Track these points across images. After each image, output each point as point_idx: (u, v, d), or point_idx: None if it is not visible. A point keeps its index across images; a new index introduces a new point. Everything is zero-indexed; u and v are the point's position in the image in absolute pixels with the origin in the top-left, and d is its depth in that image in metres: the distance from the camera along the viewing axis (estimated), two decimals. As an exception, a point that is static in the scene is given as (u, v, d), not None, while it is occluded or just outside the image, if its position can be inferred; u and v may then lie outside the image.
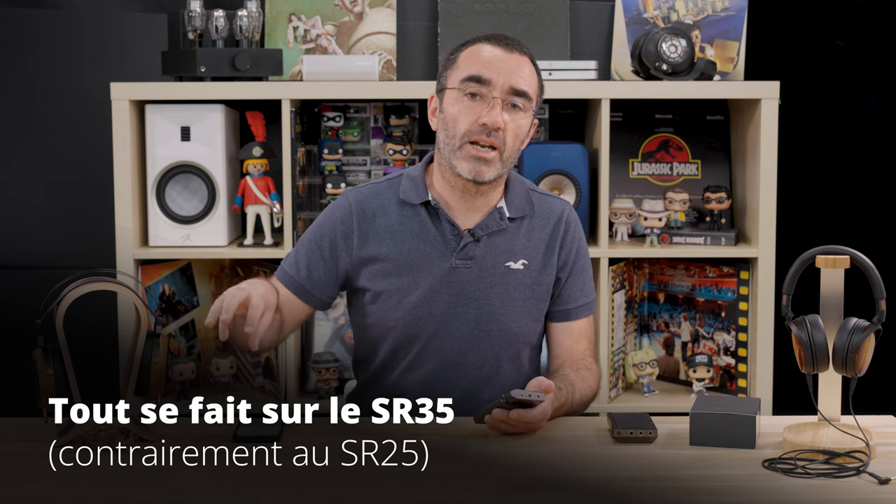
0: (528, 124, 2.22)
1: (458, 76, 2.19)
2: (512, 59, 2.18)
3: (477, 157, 2.16)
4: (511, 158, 2.21)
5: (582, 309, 2.32)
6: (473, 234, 2.23)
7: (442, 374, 2.25)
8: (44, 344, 1.94)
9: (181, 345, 3.23)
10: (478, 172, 2.17)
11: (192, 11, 3.10)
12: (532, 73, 2.21)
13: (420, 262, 2.23)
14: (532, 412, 1.99)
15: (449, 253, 2.23)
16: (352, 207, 2.27)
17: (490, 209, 2.26)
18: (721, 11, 3.35)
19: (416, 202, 2.25)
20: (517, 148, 2.21)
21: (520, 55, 2.20)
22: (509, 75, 2.16)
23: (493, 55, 2.18)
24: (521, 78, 2.18)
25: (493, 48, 2.19)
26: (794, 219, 3.35)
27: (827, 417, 2.00)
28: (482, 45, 2.20)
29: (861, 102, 3.44)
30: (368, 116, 3.35)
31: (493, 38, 2.21)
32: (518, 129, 2.19)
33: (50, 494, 1.73)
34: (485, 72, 2.16)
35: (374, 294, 2.26)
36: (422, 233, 2.24)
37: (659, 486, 1.78)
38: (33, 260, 3.38)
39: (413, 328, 2.24)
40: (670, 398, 3.20)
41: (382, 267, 2.25)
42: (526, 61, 2.21)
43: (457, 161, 2.18)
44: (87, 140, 3.32)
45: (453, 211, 2.25)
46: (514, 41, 2.22)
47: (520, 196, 2.29)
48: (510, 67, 2.17)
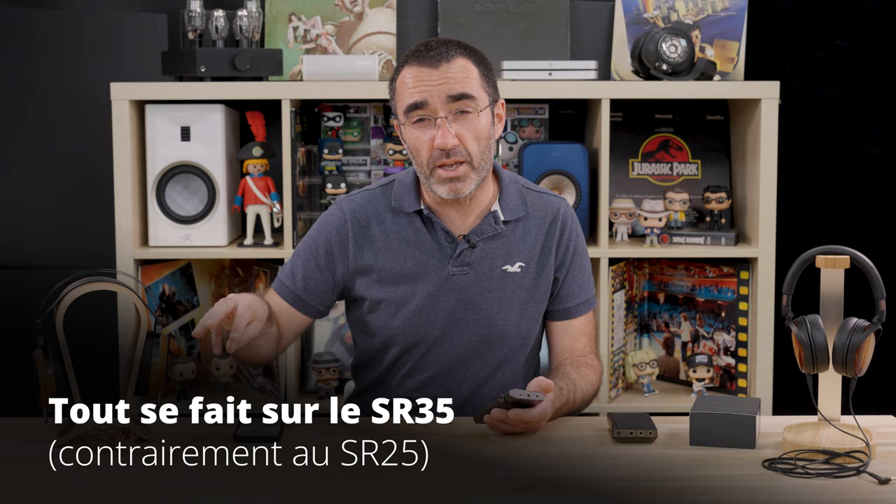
0: (486, 121, 2.17)
1: (401, 107, 2.17)
2: (437, 72, 2.13)
3: (449, 178, 2.15)
4: (484, 160, 2.17)
5: (581, 307, 2.32)
6: (469, 240, 2.22)
7: (442, 379, 2.25)
8: (44, 344, 1.94)
9: (181, 345, 3.23)
10: (456, 191, 2.16)
11: (192, 11, 3.10)
12: (466, 69, 2.15)
13: (417, 270, 2.23)
14: (531, 412, 1.99)
15: (445, 260, 2.23)
16: (346, 216, 2.26)
17: (483, 211, 2.25)
18: (721, 11, 3.35)
19: (409, 210, 2.24)
20: (486, 146, 2.17)
21: (446, 62, 2.13)
22: (440, 88, 2.12)
23: (419, 75, 2.14)
24: (454, 84, 2.12)
25: (417, 69, 2.14)
26: (794, 219, 3.35)
27: (827, 417, 2.00)
28: (407, 70, 2.16)
29: (861, 102, 3.44)
30: (368, 116, 3.35)
31: (414, 57, 2.16)
32: (477, 131, 2.15)
33: (50, 494, 1.73)
34: (417, 97, 2.13)
35: (372, 303, 2.26)
36: (417, 241, 2.23)
37: (659, 486, 1.78)
38: (33, 260, 3.37)
39: (413, 336, 2.24)
40: (670, 398, 3.20)
41: (379, 276, 2.24)
42: (457, 63, 2.14)
43: (434, 186, 2.17)
44: (87, 140, 3.32)
45: (446, 218, 2.24)
46: (437, 49, 2.15)
47: (514, 198, 2.27)
48: (438, 80, 2.12)
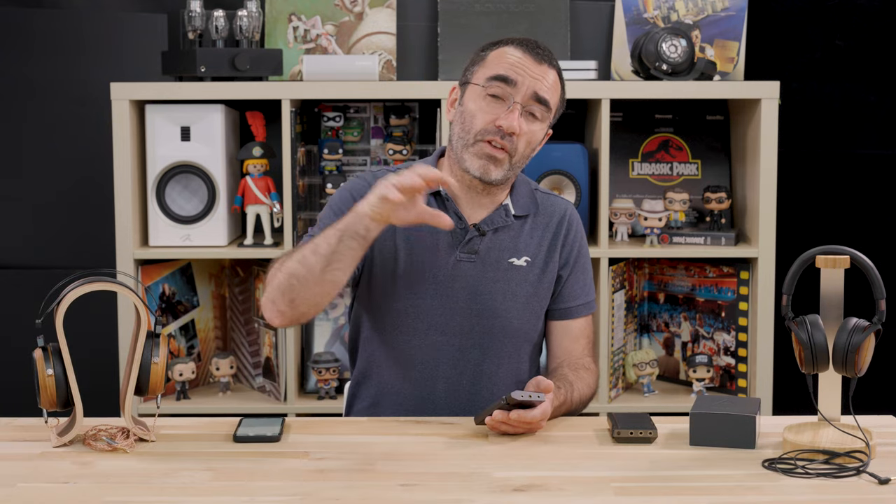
0: (542, 134, 2.23)
1: (485, 74, 2.19)
2: (539, 68, 2.19)
3: (488, 154, 2.17)
4: (520, 164, 2.22)
5: (581, 308, 2.33)
6: (479, 228, 2.24)
7: (442, 367, 2.25)
8: (44, 344, 1.94)
9: (181, 345, 3.23)
10: (486, 171, 2.18)
11: (192, 11, 3.10)
12: (556, 84, 2.22)
13: (425, 252, 2.23)
14: (532, 412, 1.99)
15: (454, 245, 2.24)
16: (370, 185, 2.24)
17: (496, 206, 2.27)
18: (721, 11, 3.35)
19: (428, 192, 2.25)
20: (527, 155, 2.22)
21: (548, 66, 2.21)
22: (534, 82, 2.17)
23: (523, 60, 2.19)
24: (545, 86, 2.18)
25: (523, 53, 2.20)
26: (794, 219, 3.35)
27: (827, 417, 1.99)
28: (513, 48, 2.21)
29: (861, 102, 3.44)
30: (368, 116, 3.35)
31: (525, 44, 2.22)
32: (532, 137, 2.20)
33: (50, 494, 1.73)
34: (511, 74, 2.17)
35: (382, 278, 2.24)
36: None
37: (659, 486, 1.78)
38: (33, 260, 3.37)
39: (415, 319, 2.24)
40: (670, 398, 3.20)
41: (391, 251, 2.24)
42: (553, 73, 2.22)
43: (467, 156, 2.18)
44: (88, 140, 3.32)
45: (461, 204, 2.25)
46: (545, 51, 2.22)
47: (525, 195, 2.30)
48: (536, 74, 2.18)
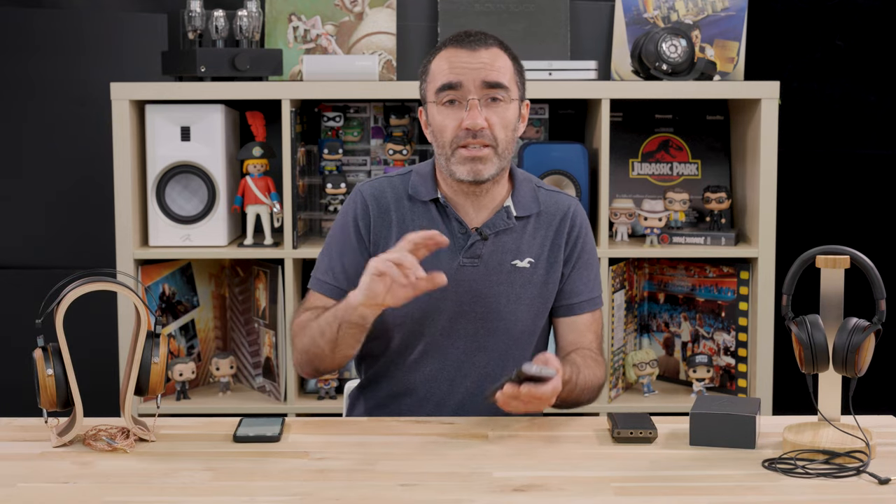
0: (514, 112, 2.22)
1: (433, 88, 2.21)
2: (476, 56, 2.18)
3: (471, 157, 2.17)
4: (507, 150, 2.21)
5: (585, 304, 2.32)
6: (481, 232, 2.24)
7: (447, 372, 2.25)
8: (44, 344, 1.94)
9: (181, 345, 3.23)
10: (476, 172, 2.18)
11: (192, 11, 3.10)
12: (503, 60, 2.21)
13: (428, 258, 2.23)
14: (543, 388, 1.97)
15: (457, 251, 2.24)
16: (367, 201, 2.29)
17: (496, 206, 2.26)
18: (721, 11, 3.35)
19: (426, 199, 2.26)
20: (511, 138, 2.22)
21: (485, 49, 2.19)
22: (477, 72, 2.17)
23: (458, 56, 2.19)
24: (490, 71, 2.18)
25: (456, 51, 2.20)
26: (794, 219, 3.35)
27: (827, 417, 1.99)
28: (446, 51, 2.21)
29: (861, 102, 3.44)
30: (368, 116, 3.35)
31: (455, 41, 2.22)
32: (505, 121, 2.19)
33: (50, 494, 1.73)
34: (453, 77, 2.17)
35: None
36: (430, 229, 2.23)
37: (659, 486, 1.78)
38: (33, 260, 3.37)
39: (419, 325, 2.24)
40: (670, 398, 3.20)
41: None
42: (495, 52, 2.20)
43: (454, 167, 2.19)
44: (87, 140, 3.32)
45: (461, 209, 2.26)
46: (477, 36, 2.22)
47: (527, 195, 2.30)
48: (476, 64, 2.18)
